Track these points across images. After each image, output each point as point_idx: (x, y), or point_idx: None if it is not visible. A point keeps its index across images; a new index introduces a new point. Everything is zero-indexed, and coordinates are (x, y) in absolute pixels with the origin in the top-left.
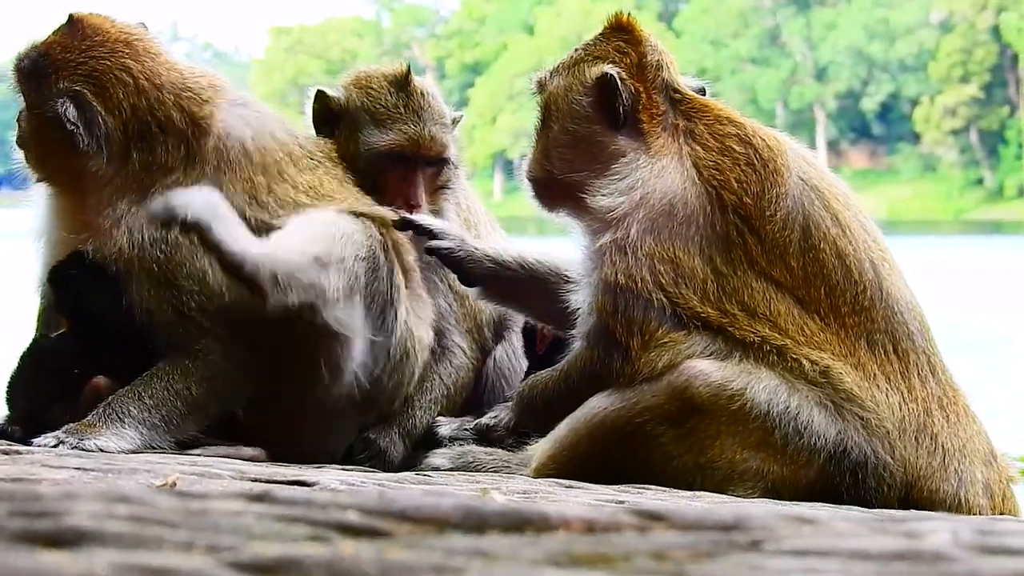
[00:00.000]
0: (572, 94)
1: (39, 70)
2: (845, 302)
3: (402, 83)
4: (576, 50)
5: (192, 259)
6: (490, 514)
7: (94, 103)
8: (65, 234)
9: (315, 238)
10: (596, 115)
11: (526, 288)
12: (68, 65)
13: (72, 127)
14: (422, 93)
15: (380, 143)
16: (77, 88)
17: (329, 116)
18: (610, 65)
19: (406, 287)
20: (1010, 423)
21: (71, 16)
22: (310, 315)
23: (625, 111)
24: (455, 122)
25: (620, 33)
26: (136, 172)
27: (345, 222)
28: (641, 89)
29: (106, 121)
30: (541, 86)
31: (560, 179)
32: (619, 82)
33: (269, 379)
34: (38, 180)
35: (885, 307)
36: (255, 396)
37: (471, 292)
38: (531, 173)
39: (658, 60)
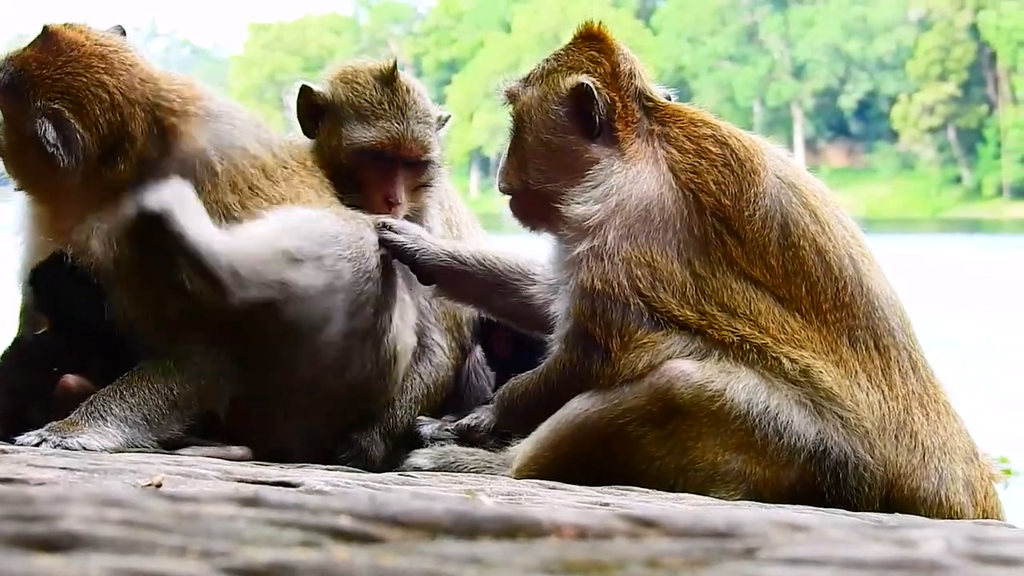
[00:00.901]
0: (547, 104)
1: (16, 86)
2: (826, 298)
3: (387, 79)
4: (547, 60)
5: (170, 266)
6: (481, 519)
7: (71, 120)
8: (44, 239)
9: (287, 233)
10: (571, 125)
11: (483, 284)
12: (45, 82)
13: (52, 148)
14: (407, 90)
15: (362, 139)
16: (55, 107)
17: (314, 111)
18: (585, 75)
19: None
20: (989, 422)
21: (46, 28)
22: (282, 311)
23: (601, 120)
24: (442, 122)
25: (592, 42)
26: (111, 185)
27: (329, 220)
28: (616, 98)
29: (83, 137)
30: (511, 97)
31: (536, 189)
32: (595, 92)
33: (253, 378)
34: (16, 189)
35: (866, 303)
36: (237, 396)
37: (427, 290)
38: (506, 185)
39: (631, 68)
